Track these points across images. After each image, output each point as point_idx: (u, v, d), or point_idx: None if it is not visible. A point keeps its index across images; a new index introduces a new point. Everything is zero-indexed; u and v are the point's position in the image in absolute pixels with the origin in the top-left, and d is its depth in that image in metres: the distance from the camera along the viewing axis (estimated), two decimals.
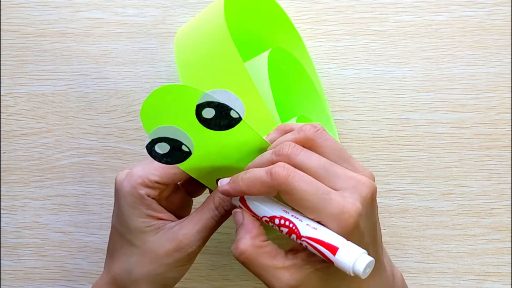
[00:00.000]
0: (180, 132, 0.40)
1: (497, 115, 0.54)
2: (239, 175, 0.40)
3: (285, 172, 0.37)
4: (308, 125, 0.41)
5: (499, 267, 0.53)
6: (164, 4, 0.56)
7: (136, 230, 0.43)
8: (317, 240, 0.37)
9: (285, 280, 0.39)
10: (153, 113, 0.39)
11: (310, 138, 0.40)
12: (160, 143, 0.40)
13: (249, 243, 0.39)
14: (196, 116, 0.40)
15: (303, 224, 0.38)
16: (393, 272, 0.44)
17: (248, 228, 0.40)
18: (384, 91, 0.55)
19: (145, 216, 0.43)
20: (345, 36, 0.55)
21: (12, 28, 0.57)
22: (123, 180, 0.43)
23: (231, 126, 0.40)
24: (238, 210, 0.41)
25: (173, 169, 0.43)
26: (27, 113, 0.56)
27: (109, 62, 0.56)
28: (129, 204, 0.43)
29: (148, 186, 0.43)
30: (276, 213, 0.39)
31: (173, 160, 0.41)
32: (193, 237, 0.42)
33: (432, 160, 0.54)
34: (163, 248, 0.42)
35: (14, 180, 0.56)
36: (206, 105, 0.39)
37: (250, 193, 0.39)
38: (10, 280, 0.55)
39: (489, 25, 0.55)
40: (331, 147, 0.40)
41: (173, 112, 0.39)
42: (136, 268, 0.43)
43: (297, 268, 0.39)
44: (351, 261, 0.36)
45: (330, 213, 0.37)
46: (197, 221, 0.43)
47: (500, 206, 0.54)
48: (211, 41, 0.43)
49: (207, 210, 0.43)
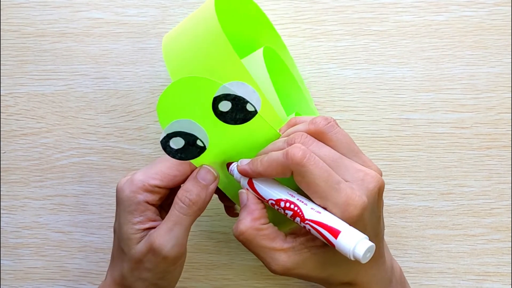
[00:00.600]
0: (195, 126, 0.40)
1: (497, 115, 0.54)
2: (258, 158, 0.40)
3: (301, 153, 0.38)
4: (320, 117, 0.42)
5: (499, 267, 0.53)
6: (164, 4, 0.56)
7: (125, 236, 0.43)
8: (320, 223, 0.38)
9: (281, 262, 0.40)
10: (169, 107, 0.40)
11: (321, 130, 0.41)
12: (175, 138, 0.40)
13: (249, 225, 0.40)
14: (212, 109, 0.40)
15: (308, 208, 0.39)
16: (392, 265, 0.45)
17: (250, 210, 0.41)
18: (384, 91, 0.55)
19: (136, 223, 0.43)
20: (345, 36, 0.55)
21: (12, 28, 0.57)
22: (123, 185, 0.43)
23: (247, 119, 0.40)
24: (244, 191, 0.42)
25: (173, 172, 0.43)
26: (27, 113, 0.56)
27: (108, 62, 0.56)
28: (125, 209, 0.43)
29: (148, 191, 0.43)
30: (282, 196, 0.40)
31: (187, 155, 0.41)
32: (164, 236, 0.41)
33: (431, 160, 0.54)
34: (141, 253, 0.42)
35: (14, 180, 0.56)
36: (223, 97, 0.40)
37: (266, 174, 0.40)
38: (10, 280, 0.55)
39: (489, 25, 0.55)
40: (341, 141, 0.41)
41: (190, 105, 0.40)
42: (127, 273, 0.43)
43: (295, 251, 0.40)
44: (352, 244, 0.37)
45: (337, 202, 0.38)
46: (166, 219, 0.42)
47: (500, 206, 0.54)
48: (206, 42, 0.43)
49: (173, 205, 0.42)
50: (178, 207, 0.42)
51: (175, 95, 0.40)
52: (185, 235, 0.42)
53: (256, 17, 0.52)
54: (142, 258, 0.42)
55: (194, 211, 0.42)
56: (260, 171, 0.40)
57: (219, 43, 0.42)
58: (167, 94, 0.40)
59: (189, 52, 0.44)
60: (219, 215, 0.54)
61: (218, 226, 0.54)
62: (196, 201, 0.42)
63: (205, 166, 0.42)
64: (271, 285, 0.54)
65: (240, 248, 0.54)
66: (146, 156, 0.55)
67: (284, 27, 0.55)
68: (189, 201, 0.42)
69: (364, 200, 0.38)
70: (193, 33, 0.44)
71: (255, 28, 0.53)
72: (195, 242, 0.55)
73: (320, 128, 0.41)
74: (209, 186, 0.42)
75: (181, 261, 0.44)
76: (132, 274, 0.43)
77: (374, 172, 0.40)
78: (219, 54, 0.43)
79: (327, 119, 0.42)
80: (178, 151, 0.41)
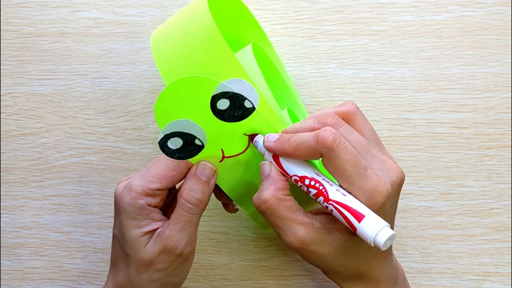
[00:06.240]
0: (193, 125, 0.40)
1: (496, 115, 0.54)
2: (287, 137, 0.40)
3: (332, 136, 0.38)
4: (348, 102, 0.43)
5: (498, 267, 0.53)
6: (163, 4, 0.56)
7: (132, 241, 0.43)
8: (345, 206, 0.38)
9: (300, 235, 0.40)
10: (167, 109, 0.40)
11: (351, 112, 0.42)
12: (173, 138, 0.40)
13: (273, 194, 0.40)
14: (210, 108, 0.40)
15: (333, 189, 0.39)
16: (396, 265, 0.45)
17: (273, 180, 0.41)
18: (383, 91, 0.55)
19: (142, 226, 0.43)
20: (344, 36, 0.55)
21: (11, 28, 0.57)
22: (122, 192, 0.43)
23: (245, 116, 0.41)
24: (266, 162, 0.42)
25: (171, 172, 0.43)
26: (26, 113, 0.56)
27: (108, 62, 0.56)
28: (129, 216, 0.43)
29: (148, 195, 0.42)
30: (308, 173, 0.40)
31: (185, 155, 0.41)
32: (177, 236, 0.42)
33: (431, 160, 0.54)
34: (153, 254, 0.42)
35: (13, 180, 0.56)
36: (222, 96, 0.40)
37: (294, 156, 0.40)
38: (9, 280, 0.55)
39: (488, 25, 0.55)
40: (368, 127, 0.43)
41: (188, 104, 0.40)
42: (135, 277, 0.43)
43: (313, 228, 0.40)
44: (374, 231, 0.37)
45: (363, 187, 0.38)
46: (175, 220, 0.42)
47: (499, 206, 0.54)
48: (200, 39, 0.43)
49: (179, 206, 0.42)
50: (186, 207, 0.42)
51: (173, 97, 0.40)
52: (196, 231, 0.43)
53: (242, 15, 0.52)
54: (153, 259, 0.42)
55: (201, 209, 0.42)
56: (288, 151, 0.40)
57: (214, 39, 0.42)
58: (164, 96, 0.40)
59: (181, 49, 0.44)
60: (219, 215, 0.54)
61: (217, 227, 0.54)
62: (203, 198, 0.42)
63: (202, 162, 0.42)
64: (271, 285, 0.54)
65: (240, 249, 0.54)
66: (145, 156, 0.55)
67: (284, 27, 0.55)
68: (196, 200, 0.42)
69: (389, 188, 0.39)
70: (185, 30, 0.44)
71: (240, 25, 0.52)
72: None
73: (350, 110, 0.42)
74: (210, 181, 0.42)
75: (193, 256, 0.44)
76: (141, 277, 0.43)
77: (396, 164, 0.41)
78: (214, 51, 0.42)
79: (354, 104, 0.43)
80: (176, 150, 0.41)
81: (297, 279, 0.53)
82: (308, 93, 0.55)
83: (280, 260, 0.54)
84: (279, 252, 0.54)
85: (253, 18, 0.53)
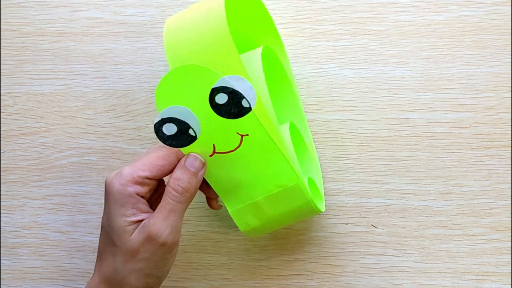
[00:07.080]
0: (190, 114, 0.41)
1: (496, 114, 0.54)
2: None
3: None
4: None
5: (498, 266, 0.53)
6: (163, 4, 0.56)
7: (119, 229, 0.43)
8: None
9: None
10: (168, 92, 0.41)
11: None
12: (168, 123, 0.41)
13: None
14: (209, 100, 0.41)
15: None
16: None
17: None
18: (383, 91, 0.55)
19: (129, 215, 0.43)
20: (344, 35, 0.55)
21: (11, 27, 0.57)
22: (112, 179, 0.44)
23: (240, 115, 0.41)
24: None
25: (161, 162, 0.43)
26: (26, 113, 0.56)
27: (108, 62, 0.56)
28: (116, 202, 0.43)
29: (138, 183, 0.43)
30: None
31: (177, 143, 0.43)
32: (161, 224, 0.42)
33: (431, 160, 0.54)
34: (138, 243, 0.43)
35: (13, 180, 0.56)
36: (221, 90, 0.40)
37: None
38: (9, 280, 0.55)
39: (488, 25, 0.55)
40: None
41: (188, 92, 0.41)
42: (121, 266, 0.43)
43: None
44: None
45: None
46: (161, 208, 0.43)
47: (499, 206, 0.53)
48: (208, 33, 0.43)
49: (165, 194, 0.43)
50: (171, 195, 0.43)
51: (176, 81, 0.41)
52: (180, 221, 0.44)
53: (260, 15, 0.52)
54: (138, 248, 0.43)
55: (187, 198, 0.43)
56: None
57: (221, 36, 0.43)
58: (168, 79, 0.41)
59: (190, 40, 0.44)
60: (218, 215, 0.54)
61: (217, 226, 0.54)
62: (188, 188, 0.43)
63: (192, 153, 0.44)
64: (270, 284, 0.54)
65: (239, 248, 0.54)
66: None
67: (284, 26, 0.55)
68: (182, 189, 0.43)
69: None
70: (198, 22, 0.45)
71: (257, 25, 0.53)
72: (194, 242, 0.54)
73: None
74: (198, 173, 0.44)
75: (176, 249, 0.44)
76: (125, 266, 0.43)
77: None
78: (221, 50, 0.43)
79: None
80: (170, 137, 0.42)
81: (296, 278, 0.53)
82: (308, 93, 0.55)
83: (279, 259, 0.54)
84: (278, 252, 0.54)
85: (271, 20, 0.53)
